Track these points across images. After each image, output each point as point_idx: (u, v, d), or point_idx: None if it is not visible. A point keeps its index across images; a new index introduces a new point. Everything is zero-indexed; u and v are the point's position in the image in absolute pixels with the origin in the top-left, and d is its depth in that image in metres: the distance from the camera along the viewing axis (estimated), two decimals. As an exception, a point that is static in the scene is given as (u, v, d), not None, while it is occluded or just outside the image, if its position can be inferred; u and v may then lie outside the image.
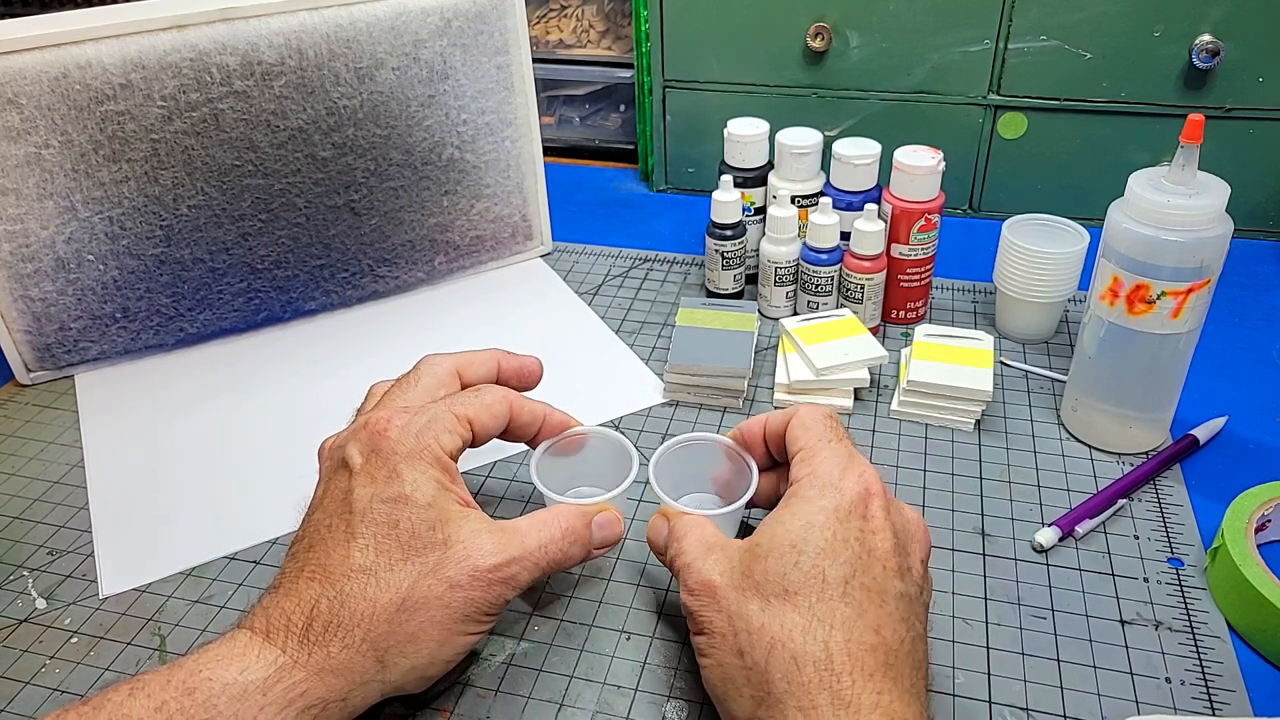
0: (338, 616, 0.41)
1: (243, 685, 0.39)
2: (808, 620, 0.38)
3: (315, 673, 0.40)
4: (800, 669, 0.37)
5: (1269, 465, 0.60)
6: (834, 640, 0.38)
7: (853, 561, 0.40)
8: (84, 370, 0.73)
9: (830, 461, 0.44)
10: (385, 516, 0.43)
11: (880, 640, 0.38)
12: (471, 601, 0.42)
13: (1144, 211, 0.53)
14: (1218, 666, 0.47)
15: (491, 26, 0.74)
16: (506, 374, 0.54)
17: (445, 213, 0.79)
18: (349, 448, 0.46)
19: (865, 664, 0.37)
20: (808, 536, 0.40)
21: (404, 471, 0.44)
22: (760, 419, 0.50)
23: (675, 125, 0.96)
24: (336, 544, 0.43)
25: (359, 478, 0.44)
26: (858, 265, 0.70)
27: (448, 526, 0.43)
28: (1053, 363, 0.70)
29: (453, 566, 0.42)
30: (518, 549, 0.44)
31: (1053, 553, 0.54)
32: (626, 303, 0.80)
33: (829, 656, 0.37)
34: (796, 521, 0.41)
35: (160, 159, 0.67)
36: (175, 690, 0.38)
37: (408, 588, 0.41)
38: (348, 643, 0.40)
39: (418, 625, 0.41)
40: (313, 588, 0.42)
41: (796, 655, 0.38)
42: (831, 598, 0.39)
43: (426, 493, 0.44)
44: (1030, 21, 0.81)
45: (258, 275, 0.74)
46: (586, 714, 0.46)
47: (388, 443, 0.45)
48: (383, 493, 0.43)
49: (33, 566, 0.56)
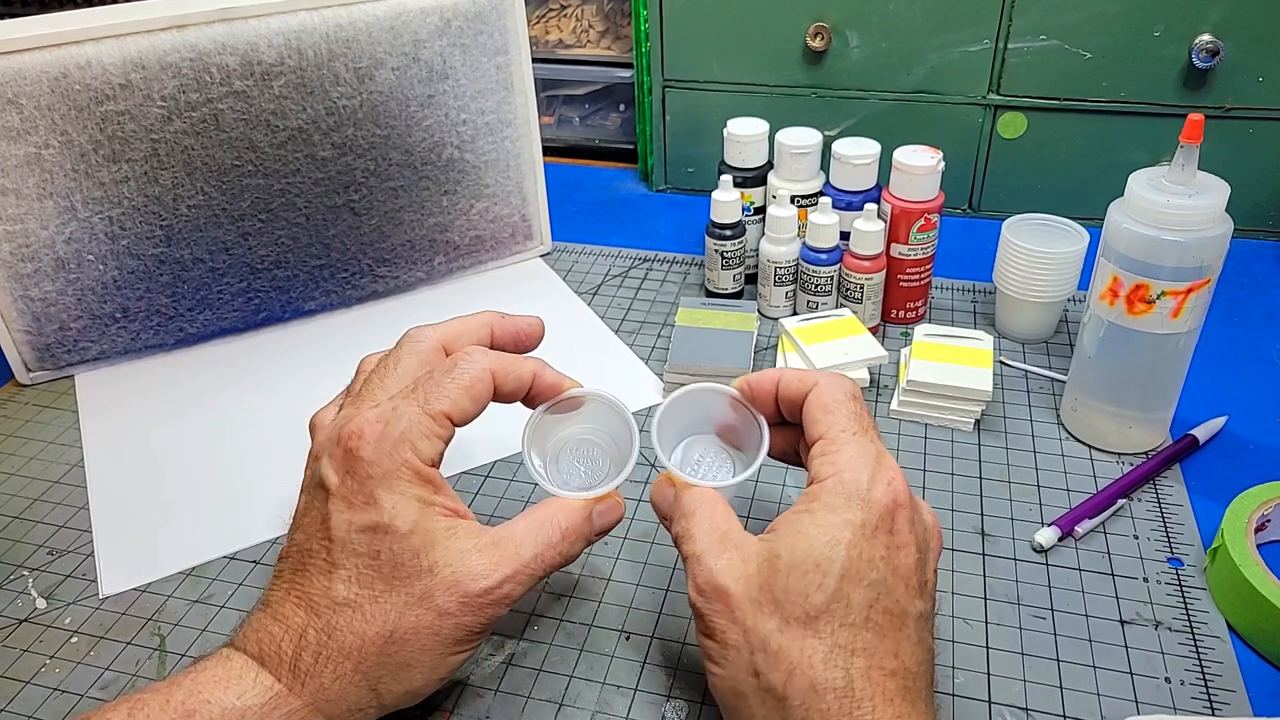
0: (325, 649, 0.40)
1: (240, 711, 0.38)
2: (829, 648, 0.37)
3: (310, 702, 0.40)
4: (820, 696, 0.37)
5: (1269, 465, 0.60)
6: (855, 668, 0.37)
7: (878, 585, 0.38)
8: (84, 370, 0.73)
9: (858, 462, 0.40)
10: (365, 547, 0.41)
11: (900, 665, 0.37)
12: (463, 626, 0.41)
13: (1144, 211, 0.53)
14: (1217, 666, 0.47)
15: (491, 26, 0.74)
16: (501, 340, 0.49)
17: (445, 213, 0.79)
18: (324, 464, 0.43)
19: (886, 690, 0.37)
20: (833, 555, 0.38)
21: (381, 497, 0.41)
22: (772, 376, 0.46)
23: (675, 125, 0.96)
24: (318, 573, 0.41)
25: (335, 501, 0.42)
26: (857, 265, 0.70)
27: (433, 551, 0.41)
28: (1052, 363, 0.70)
29: (441, 594, 0.40)
30: (511, 564, 0.42)
31: (1052, 553, 0.54)
32: (626, 303, 0.80)
33: (850, 685, 0.37)
34: (821, 536, 0.39)
35: (160, 159, 0.67)
36: (175, 713, 0.38)
37: (395, 619, 0.40)
38: (339, 674, 0.40)
39: (409, 654, 0.40)
40: (299, 615, 0.41)
41: (816, 683, 0.37)
42: (855, 624, 0.38)
43: (408, 518, 0.41)
44: (1030, 21, 0.81)
45: (257, 275, 0.74)
46: (586, 714, 0.46)
47: (362, 465, 0.41)
48: (360, 520, 0.41)
49: (33, 566, 0.56)
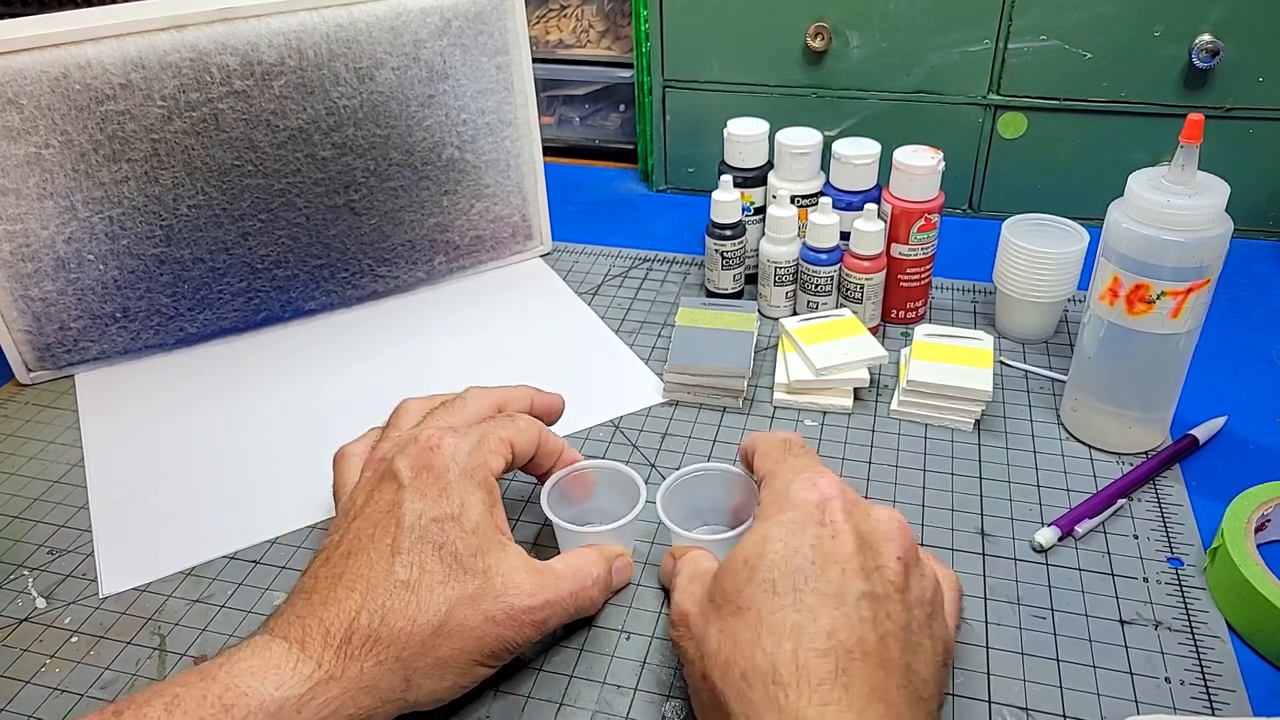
0: (377, 631, 0.41)
1: (279, 701, 0.38)
2: (756, 634, 0.37)
3: (347, 689, 0.40)
4: (750, 686, 0.36)
5: (1269, 465, 0.60)
6: (782, 652, 0.36)
7: (804, 569, 0.39)
8: (84, 370, 0.73)
9: (785, 477, 0.43)
10: (432, 535, 0.43)
11: (834, 644, 0.36)
12: (501, 639, 0.43)
13: (1144, 211, 0.53)
14: (1217, 666, 0.47)
15: (491, 26, 0.75)
16: (537, 409, 0.55)
17: (445, 213, 0.79)
18: (398, 460, 0.46)
19: (814, 673, 0.36)
20: (761, 551, 0.40)
21: (454, 491, 0.44)
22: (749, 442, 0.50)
23: (675, 125, 0.96)
24: (380, 556, 0.43)
25: (408, 492, 0.44)
26: (857, 265, 0.70)
27: (489, 556, 0.44)
28: (1052, 363, 0.70)
29: (489, 600, 0.43)
30: (552, 592, 0.45)
31: (1052, 553, 0.54)
32: (626, 303, 0.80)
33: (774, 669, 0.36)
34: (751, 539, 0.41)
35: (160, 159, 0.67)
36: (212, 707, 0.38)
37: (446, 612, 0.42)
38: (381, 659, 0.40)
39: (449, 652, 0.42)
40: (354, 598, 0.41)
41: (746, 672, 0.37)
42: (782, 608, 0.38)
43: (473, 516, 0.44)
44: (1030, 21, 0.81)
45: (258, 275, 0.74)
46: (586, 713, 0.46)
47: (440, 459, 0.45)
48: (432, 510, 0.44)
49: (33, 566, 0.56)
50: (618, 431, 0.65)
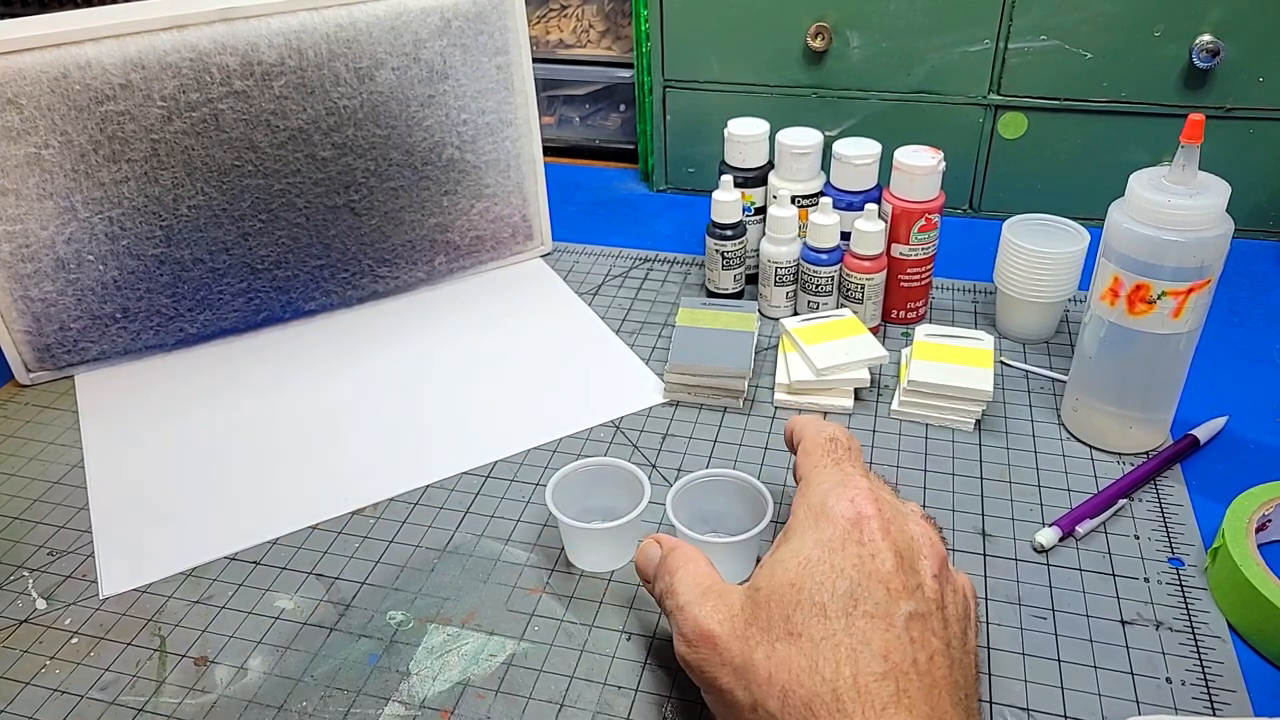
0: None
1: None
2: (812, 660, 0.37)
3: None
4: (815, 715, 0.36)
5: (1269, 465, 0.60)
6: (842, 678, 0.36)
7: (852, 591, 0.38)
8: (84, 370, 0.73)
9: (821, 489, 0.43)
10: None
11: (890, 667, 0.36)
12: None
13: (1144, 211, 0.53)
14: (1218, 666, 0.47)
15: (491, 26, 0.74)
16: None
17: (445, 213, 0.79)
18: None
19: (876, 698, 0.36)
20: (805, 572, 0.39)
21: None
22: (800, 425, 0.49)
23: (675, 125, 0.96)
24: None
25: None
26: (858, 265, 0.70)
27: None
28: (1053, 363, 0.70)
29: None
30: None
31: (1053, 553, 0.54)
32: (626, 303, 0.80)
33: (837, 697, 0.36)
34: (794, 559, 0.40)
35: (160, 159, 0.67)
36: None
37: None
38: None
39: None
40: None
41: (808, 700, 0.36)
42: (835, 632, 0.37)
43: None
44: (1030, 21, 0.81)
45: (258, 275, 0.74)
46: (587, 714, 0.46)
47: None
48: None
49: (33, 567, 0.56)
50: (618, 432, 0.64)
